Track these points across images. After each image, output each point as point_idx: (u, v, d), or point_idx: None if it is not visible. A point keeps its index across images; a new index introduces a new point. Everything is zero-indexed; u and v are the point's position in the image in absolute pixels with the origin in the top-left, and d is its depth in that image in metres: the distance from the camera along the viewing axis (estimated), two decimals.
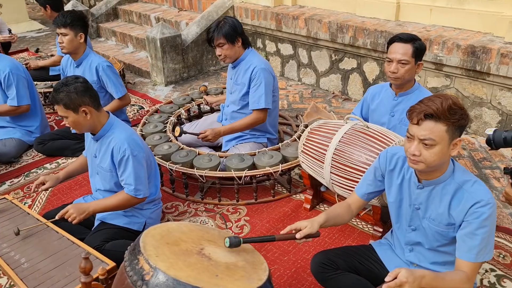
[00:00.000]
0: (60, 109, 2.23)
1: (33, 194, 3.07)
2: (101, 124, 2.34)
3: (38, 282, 1.96)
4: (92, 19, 6.46)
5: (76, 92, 2.22)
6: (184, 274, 1.41)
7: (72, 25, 3.24)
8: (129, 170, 2.29)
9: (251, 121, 3.07)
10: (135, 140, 2.35)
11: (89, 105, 2.26)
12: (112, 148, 2.31)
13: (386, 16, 4.11)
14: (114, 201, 2.31)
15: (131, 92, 4.82)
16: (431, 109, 1.60)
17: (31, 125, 3.67)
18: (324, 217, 1.88)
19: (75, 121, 2.26)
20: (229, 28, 2.94)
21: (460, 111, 1.62)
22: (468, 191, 1.71)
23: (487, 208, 1.66)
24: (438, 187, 1.77)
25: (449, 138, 1.63)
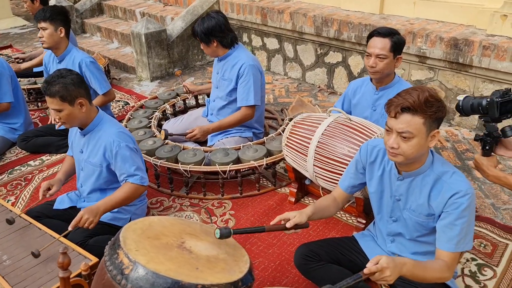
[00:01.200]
0: (56, 102, 2.18)
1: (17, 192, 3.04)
2: (91, 118, 2.32)
3: (20, 279, 1.95)
4: (77, 15, 6.39)
5: (73, 84, 2.19)
6: (164, 267, 1.41)
7: (52, 19, 3.20)
8: (129, 162, 2.29)
9: (240, 117, 3.07)
10: (125, 133, 2.36)
11: (84, 97, 2.24)
12: (105, 144, 2.29)
13: (371, 10, 4.13)
14: (121, 195, 2.27)
15: (116, 88, 4.78)
16: (408, 102, 1.61)
17: (15, 122, 3.62)
18: (312, 209, 1.89)
19: (70, 114, 2.22)
20: (201, 30, 2.94)
21: (437, 103, 1.64)
22: (447, 182, 1.73)
23: (465, 199, 1.68)
24: (417, 178, 1.79)
25: (427, 130, 1.64)
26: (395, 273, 1.53)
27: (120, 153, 2.27)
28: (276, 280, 2.23)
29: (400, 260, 1.57)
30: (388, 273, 1.50)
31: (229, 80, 3.09)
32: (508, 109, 1.75)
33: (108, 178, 2.39)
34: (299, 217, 1.80)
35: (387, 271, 1.50)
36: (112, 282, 1.41)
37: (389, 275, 1.51)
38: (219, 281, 1.43)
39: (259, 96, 3.07)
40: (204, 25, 2.94)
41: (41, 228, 2.22)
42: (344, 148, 2.30)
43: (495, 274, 2.20)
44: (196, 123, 3.38)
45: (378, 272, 1.51)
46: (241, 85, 3.02)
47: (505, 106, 1.74)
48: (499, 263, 2.27)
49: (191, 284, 1.38)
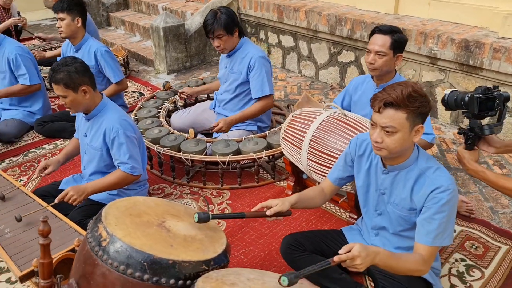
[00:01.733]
0: (60, 88, 2.29)
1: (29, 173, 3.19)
2: (95, 104, 2.43)
3: (18, 250, 2.07)
4: (103, 8, 6.60)
5: (77, 72, 2.30)
6: (139, 242, 1.48)
7: (69, 9, 3.35)
8: (123, 150, 2.38)
9: (260, 107, 3.12)
10: (126, 121, 2.45)
11: (88, 84, 2.34)
12: (105, 129, 2.40)
13: (385, 10, 4.12)
14: (111, 180, 2.39)
15: (133, 79, 4.93)
16: (391, 98, 1.64)
17: (34, 107, 3.81)
18: (296, 198, 1.94)
19: (74, 100, 2.33)
20: (227, 19, 2.94)
21: (420, 98, 1.66)
22: (429, 177, 1.75)
23: (446, 194, 1.70)
24: (402, 172, 1.82)
25: (410, 125, 1.66)
26: (366, 262, 1.55)
27: (117, 139, 2.36)
28: (263, 268, 2.28)
29: (373, 249, 1.59)
30: (359, 261, 1.53)
31: (238, 73, 3.14)
32: (489, 106, 1.75)
33: (109, 162, 2.49)
34: (281, 206, 1.84)
35: (358, 260, 1.53)
36: (90, 253, 1.50)
37: (360, 264, 1.53)
38: (191, 258, 1.49)
39: (272, 85, 3.13)
40: (225, 16, 2.96)
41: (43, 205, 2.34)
42: (337, 142, 2.33)
43: (483, 276, 2.19)
44: (203, 115, 3.47)
45: (348, 260, 1.54)
46: (254, 77, 3.06)
47: (485, 103, 1.75)
48: (489, 265, 2.25)
49: (162, 259, 1.44)
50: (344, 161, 2.06)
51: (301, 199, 1.98)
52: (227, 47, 3.08)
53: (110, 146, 2.41)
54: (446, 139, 3.47)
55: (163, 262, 1.44)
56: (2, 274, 2.34)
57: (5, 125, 3.62)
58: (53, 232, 2.11)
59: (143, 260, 1.44)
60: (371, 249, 1.59)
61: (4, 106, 3.77)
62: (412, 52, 3.70)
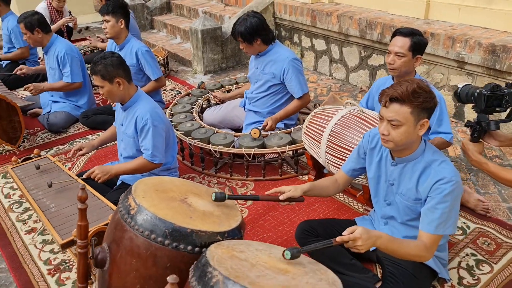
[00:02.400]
0: (98, 79, 2.56)
1: (74, 159, 3.50)
2: (130, 95, 2.67)
3: (61, 222, 2.33)
4: (147, 12, 6.97)
5: (112, 65, 2.55)
6: (163, 212, 1.69)
7: (113, 12, 3.64)
8: (148, 138, 2.61)
9: (301, 104, 3.30)
10: (157, 113, 2.67)
11: (122, 77, 2.59)
12: (136, 117, 2.64)
13: (416, 14, 4.19)
14: (133, 165, 2.64)
15: (172, 79, 5.22)
16: (396, 93, 1.77)
17: (80, 101, 4.14)
18: (309, 186, 2.08)
19: (110, 91, 2.59)
20: (245, 29, 3.11)
21: (424, 94, 1.77)
22: (434, 169, 1.86)
23: (449, 185, 1.80)
24: (409, 164, 1.94)
25: (415, 119, 1.78)
26: (367, 244, 1.68)
27: (145, 128, 2.59)
28: None
29: (375, 233, 1.72)
30: (360, 242, 1.66)
31: (270, 74, 3.30)
32: (496, 103, 1.84)
33: (140, 149, 2.73)
34: (294, 191, 2.00)
35: (359, 241, 1.66)
36: (121, 220, 1.71)
37: (361, 245, 1.67)
38: (207, 229, 1.68)
39: (306, 83, 3.30)
40: (248, 24, 3.12)
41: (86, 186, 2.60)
42: (354, 137, 2.47)
43: (492, 270, 2.25)
44: (234, 112, 3.68)
45: (350, 241, 1.68)
46: (291, 80, 3.21)
47: (492, 100, 1.83)
48: (499, 261, 2.31)
49: (182, 228, 1.64)
50: (357, 153, 2.20)
51: (315, 187, 2.12)
52: (249, 52, 3.28)
53: (139, 133, 2.64)
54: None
55: (182, 230, 1.64)
56: (47, 245, 2.62)
57: (54, 116, 3.97)
58: (92, 209, 2.38)
59: (165, 227, 1.64)
60: (373, 232, 1.72)
61: (55, 98, 4.13)
62: (440, 56, 3.76)
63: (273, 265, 1.52)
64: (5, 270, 2.47)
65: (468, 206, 2.71)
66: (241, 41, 3.21)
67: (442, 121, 2.56)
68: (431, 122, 2.56)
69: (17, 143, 3.62)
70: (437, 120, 2.55)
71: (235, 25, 3.21)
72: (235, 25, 3.22)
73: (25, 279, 2.37)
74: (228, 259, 1.47)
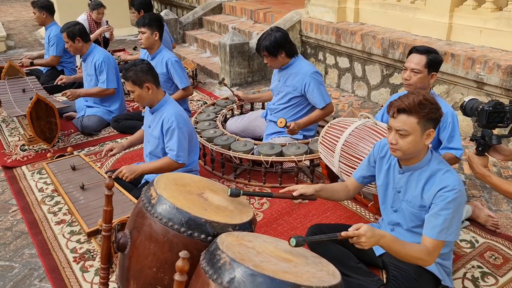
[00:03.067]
0: (129, 84, 2.78)
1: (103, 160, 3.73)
2: (158, 100, 2.88)
3: (88, 213, 2.53)
4: (180, 27, 7.29)
5: (142, 71, 2.76)
6: (180, 203, 1.84)
7: (149, 25, 3.90)
8: (174, 139, 2.79)
9: (324, 113, 3.45)
10: (181, 116, 2.86)
11: (151, 82, 2.80)
12: (163, 120, 2.83)
13: (438, 36, 4.28)
14: (158, 164, 2.82)
15: (200, 90, 5.45)
16: (404, 104, 1.89)
17: (112, 106, 4.40)
18: (320, 186, 2.20)
19: (140, 95, 2.80)
20: (270, 43, 3.28)
21: (430, 105, 1.89)
22: (439, 177, 1.96)
23: (452, 193, 1.89)
24: (415, 173, 2.04)
25: (421, 129, 1.90)
26: (370, 241, 1.78)
27: (170, 130, 2.77)
28: None
29: (379, 232, 1.82)
30: (364, 239, 1.76)
31: (292, 86, 3.46)
32: (498, 120, 1.93)
33: (164, 149, 2.91)
34: (306, 189, 2.12)
35: (363, 238, 1.76)
36: (142, 209, 1.88)
37: (365, 242, 1.77)
38: (220, 220, 1.82)
39: (328, 93, 3.45)
40: (272, 38, 3.31)
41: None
42: (366, 148, 2.58)
43: (497, 282, 2.30)
44: (255, 122, 3.84)
45: (355, 237, 1.79)
46: (313, 92, 3.36)
47: (494, 117, 1.93)
48: (505, 274, 2.36)
49: (197, 217, 1.78)
50: (368, 161, 2.31)
51: (326, 188, 2.24)
52: (273, 65, 3.45)
53: (165, 135, 2.83)
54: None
55: (197, 220, 1.78)
56: (74, 235, 2.81)
57: (87, 120, 4.23)
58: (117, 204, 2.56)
59: (182, 216, 1.79)
60: (377, 231, 1.82)
61: (89, 104, 4.40)
62: (459, 76, 3.84)
63: (278, 254, 1.65)
64: (35, 255, 2.67)
65: (478, 221, 2.76)
66: (266, 55, 3.39)
67: (453, 137, 2.64)
68: (442, 138, 2.65)
69: (53, 142, 3.88)
70: (449, 136, 2.63)
71: (259, 40, 3.39)
72: (259, 40, 3.40)
73: (52, 264, 2.56)
74: (236, 245, 1.61)
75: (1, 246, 2.77)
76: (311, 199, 2.15)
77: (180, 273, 1.37)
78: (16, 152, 3.94)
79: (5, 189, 3.40)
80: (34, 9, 5.34)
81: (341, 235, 1.78)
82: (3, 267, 2.59)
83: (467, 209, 2.78)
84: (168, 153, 2.82)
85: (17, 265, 2.59)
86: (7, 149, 4.00)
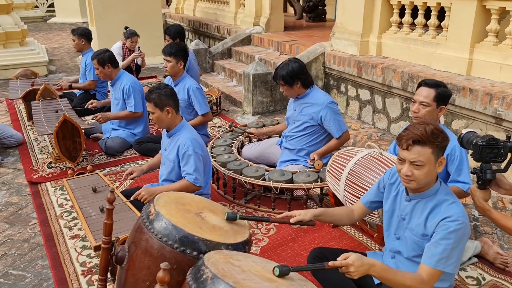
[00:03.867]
0: (151, 106, 2.92)
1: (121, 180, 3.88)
2: (175, 124, 3.01)
3: (98, 228, 2.63)
4: (209, 56, 7.55)
5: (165, 95, 2.91)
6: (176, 220, 1.91)
7: (175, 54, 4.09)
8: (190, 163, 2.90)
9: (341, 142, 3.52)
10: (197, 140, 2.97)
11: (172, 106, 2.94)
12: (179, 145, 2.95)
13: (458, 71, 4.28)
14: (176, 186, 2.90)
15: (222, 117, 5.60)
16: (417, 136, 1.87)
17: (136, 129, 4.59)
18: (321, 211, 2.22)
19: (159, 117, 2.94)
20: (286, 73, 3.41)
21: (441, 134, 1.90)
22: (444, 207, 1.94)
23: (454, 223, 1.87)
24: (422, 201, 2.03)
25: (435, 158, 1.90)
26: (360, 271, 1.79)
27: (187, 154, 2.88)
28: None
29: (368, 261, 1.82)
30: (352, 269, 1.77)
31: (308, 115, 3.54)
32: (491, 155, 1.93)
33: (178, 173, 3.02)
34: (303, 215, 2.14)
35: (351, 268, 1.77)
36: (141, 224, 1.97)
37: (353, 271, 1.78)
38: (213, 238, 1.88)
39: (344, 122, 3.51)
40: (289, 68, 3.44)
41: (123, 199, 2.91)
42: (370, 177, 2.60)
43: None
44: (270, 149, 3.92)
45: (343, 266, 1.80)
46: (330, 122, 3.44)
47: (487, 152, 1.92)
48: None
49: (190, 234, 1.85)
50: (377, 187, 2.31)
51: (327, 213, 2.25)
52: (289, 94, 3.56)
53: (181, 159, 2.94)
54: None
55: (190, 237, 1.85)
56: (85, 250, 2.93)
57: (111, 141, 4.43)
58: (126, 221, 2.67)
59: (176, 233, 1.86)
60: (367, 260, 1.82)
61: (114, 126, 4.61)
62: (478, 112, 3.81)
63: (263, 274, 1.68)
64: (47, 267, 2.79)
65: (487, 259, 2.69)
66: (282, 83, 3.50)
67: (461, 170, 2.62)
68: (450, 171, 2.64)
69: (76, 160, 4.07)
70: (457, 169, 2.61)
71: (277, 69, 3.52)
72: (277, 69, 3.52)
73: (61, 276, 2.67)
74: (222, 263, 1.66)
75: (17, 256, 2.91)
76: (310, 224, 2.18)
77: (160, 284, 1.43)
78: (43, 169, 4.15)
79: (28, 203, 3.58)
80: (73, 36, 5.72)
81: (328, 265, 1.79)
82: (16, 276, 2.72)
83: (476, 245, 2.72)
84: (186, 176, 2.91)
85: (29, 275, 2.72)
86: (35, 165, 4.23)
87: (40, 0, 18.28)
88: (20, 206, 3.55)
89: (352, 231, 3.06)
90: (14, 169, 4.20)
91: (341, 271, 1.82)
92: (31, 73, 6.32)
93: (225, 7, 9.35)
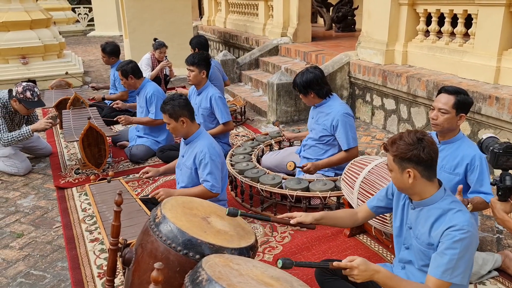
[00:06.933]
0: (166, 117, 3.00)
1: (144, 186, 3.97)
2: (192, 132, 3.07)
3: None
4: (237, 67, 7.65)
5: (179, 106, 2.97)
6: (181, 223, 1.95)
7: (198, 64, 4.18)
8: (208, 170, 2.94)
9: (346, 157, 3.44)
10: (214, 148, 3.02)
11: (186, 116, 3.00)
12: (196, 152, 3.01)
13: (485, 79, 4.15)
14: (194, 191, 2.95)
15: (247, 126, 5.64)
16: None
17: (160, 137, 4.70)
18: (322, 214, 2.22)
19: (175, 127, 3.02)
20: (300, 83, 3.43)
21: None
22: (449, 216, 1.89)
23: (459, 232, 1.82)
24: (424, 209, 1.99)
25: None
26: (363, 275, 1.76)
27: (204, 161, 2.93)
28: None
29: (373, 267, 1.80)
30: (356, 272, 1.76)
31: (322, 125, 3.52)
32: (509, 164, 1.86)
33: (195, 179, 3.06)
34: (304, 217, 2.15)
35: (356, 270, 1.76)
36: (147, 227, 2.01)
37: (357, 275, 1.76)
38: (216, 242, 1.90)
39: (356, 137, 3.46)
40: (303, 78, 3.44)
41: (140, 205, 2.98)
42: (383, 185, 2.56)
43: None
44: (289, 157, 3.90)
45: (348, 269, 1.78)
46: (340, 133, 3.42)
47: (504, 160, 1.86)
48: None
49: (193, 238, 1.88)
50: (385, 192, 2.27)
51: (328, 216, 2.24)
52: (306, 102, 3.58)
53: (198, 166, 2.98)
54: None
55: (193, 240, 1.88)
56: (103, 253, 3.01)
57: (136, 148, 4.54)
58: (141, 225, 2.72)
59: (180, 236, 1.89)
60: (372, 266, 1.80)
61: (140, 134, 4.74)
62: (505, 121, 3.68)
63: (261, 279, 1.68)
64: (66, 268, 2.89)
65: (508, 273, 2.59)
66: (298, 92, 3.52)
67: (483, 181, 2.53)
68: (470, 182, 2.55)
69: (101, 167, 4.20)
70: (478, 180, 2.53)
71: (295, 77, 3.54)
72: (296, 77, 3.54)
73: (78, 278, 2.76)
74: (220, 266, 1.67)
75: (40, 257, 3.02)
76: (310, 228, 2.18)
77: (154, 284, 1.46)
78: (70, 174, 4.31)
79: (53, 207, 3.72)
80: (103, 53, 5.98)
81: (333, 265, 1.78)
82: (37, 276, 2.82)
83: (496, 258, 2.61)
84: (203, 183, 2.96)
85: (48, 276, 2.82)
86: (63, 171, 4.39)
87: (81, 15, 19.07)
88: (46, 209, 3.69)
89: (368, 241, 3.01)
90: (44, 175, 4.38)
91: (345, 273, 1.80)
92: (66, 83, 6.59)
93: (255, 19, 9.46)
